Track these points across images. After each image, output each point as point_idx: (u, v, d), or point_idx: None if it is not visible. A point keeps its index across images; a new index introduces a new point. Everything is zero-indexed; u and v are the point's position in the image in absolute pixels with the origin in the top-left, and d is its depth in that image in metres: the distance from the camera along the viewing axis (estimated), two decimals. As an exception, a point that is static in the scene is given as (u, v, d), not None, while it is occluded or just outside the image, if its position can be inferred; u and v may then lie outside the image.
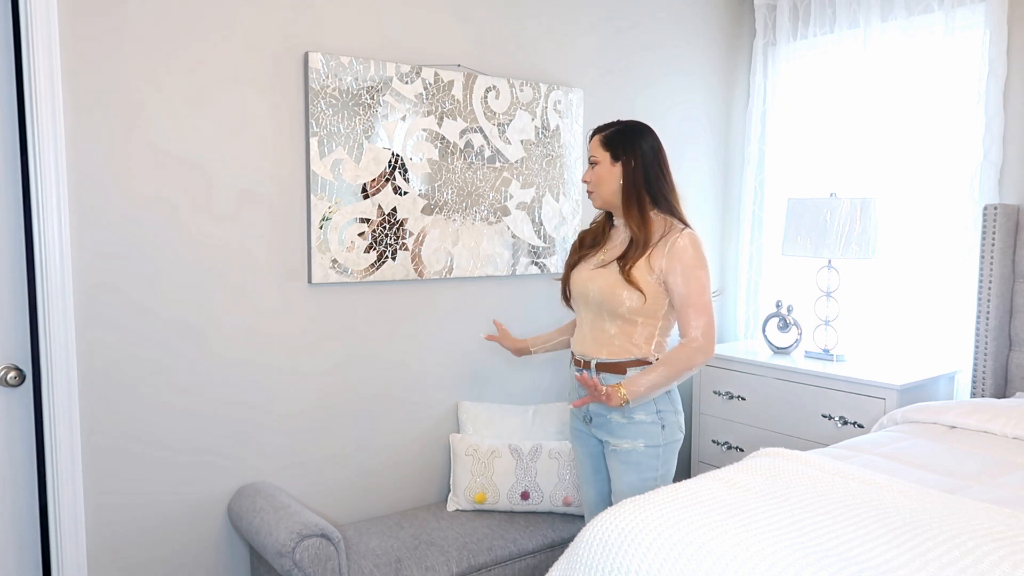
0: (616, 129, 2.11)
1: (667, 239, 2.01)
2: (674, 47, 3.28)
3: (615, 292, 2.02)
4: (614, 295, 2.02)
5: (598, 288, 2.06)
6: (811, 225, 2.92)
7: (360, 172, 2.45)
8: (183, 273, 2.20)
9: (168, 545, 2.24)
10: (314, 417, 2.46)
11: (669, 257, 1.99)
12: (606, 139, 2.10)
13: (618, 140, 2.08)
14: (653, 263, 2.01)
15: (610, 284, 2.03)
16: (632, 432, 2.06)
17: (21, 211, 2.03)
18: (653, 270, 2.01)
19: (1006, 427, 2.15)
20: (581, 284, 2.13)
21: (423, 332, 2.67)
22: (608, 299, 2.03)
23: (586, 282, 2.11)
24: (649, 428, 2.06)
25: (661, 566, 1.37)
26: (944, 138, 2.88)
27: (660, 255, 2.00)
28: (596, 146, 2.11)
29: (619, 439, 2.08)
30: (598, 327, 2.09)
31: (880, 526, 1.44)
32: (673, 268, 1.99)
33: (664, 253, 2.00)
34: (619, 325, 2.05)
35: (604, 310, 2.06)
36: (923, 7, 2.91)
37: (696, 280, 1.99)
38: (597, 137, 2.12)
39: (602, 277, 2.07)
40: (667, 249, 2.00)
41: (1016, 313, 2.68)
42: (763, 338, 3.22)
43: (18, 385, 2.03)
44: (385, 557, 2.22)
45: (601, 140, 2.10)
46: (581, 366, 2.13)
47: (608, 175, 2.08)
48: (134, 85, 2.08)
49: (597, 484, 2.23)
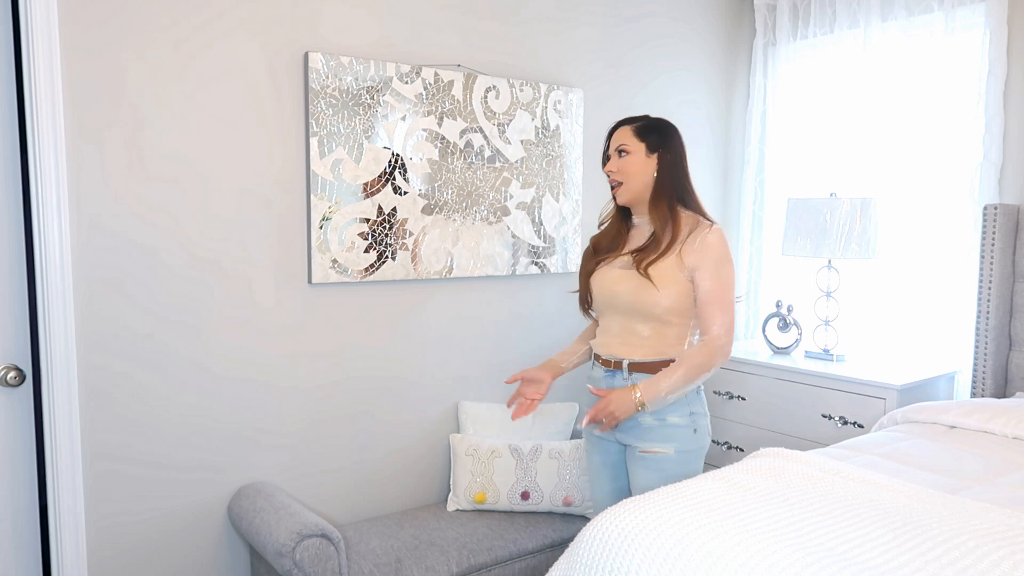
0: (649, 122, 2.01)
1: (696, 234, 1.95)
2: (674, 46, 3.28)
3: (648, 293, 1.93)
4: (648, 296, 1.93)
5: (629, 290, 1.97)
6: (811, 225, 2.92)
7: (360, 172, 2.45)
8: (183, 272, 2.20)
9: (168, 545, 2.24)
10: (314, 417, 2.46)
11: (699, 252, 1.92)
12: (640, 130, 1.99)
13: (654, 132, 1.99)
14: (685, 259, 1.93)
15: (645, 285, 1.94)
16: (663, 436, 1.95)
17: (21, 211, 2.03)
18: (685, 266, 1.93)
19: (1006, 427, 2.15)
20: (607, 288, 2.02)
21: (423, 332, 2.67)
22: (641, 300, 1.94)
23: (613, 285, 2.01)
24: (682, 432, 1.96)
25: (661, 566, 1.37)
26: (944, 138, 2.88)
27: (691, 250, 1.93)
28: (628, 135, 1.99)
29: (648, 443, 1.96)
30: (629, 330, 2.00)
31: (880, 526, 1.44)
32: (703, 263, 1.92)
33: (694, 248, 1.93)
34: (653, 326, 1.97)
35: (636, 312, 1.97)
36: (923, 7, 2.91)
37: (724, 276, 1.94)
38: (628, 127, 2.01)
39: (633, 278, 1.97)
40: (697, 244, 1.93)
41: (1016, 313, 2.68)
42: (763, 338, 3.22)
43: (18, 385, 2.03)
44: (385, 557, 2.22)
45: (634, 130, 1.99)
46: (612, 367, 2.02)
47: (642, 167, 1.98)
48: (134, 85, 2.08)
49: (615, 494, 2.11)
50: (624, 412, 1.89)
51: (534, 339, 2.95)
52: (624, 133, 2.01)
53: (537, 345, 2.95)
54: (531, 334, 2.94)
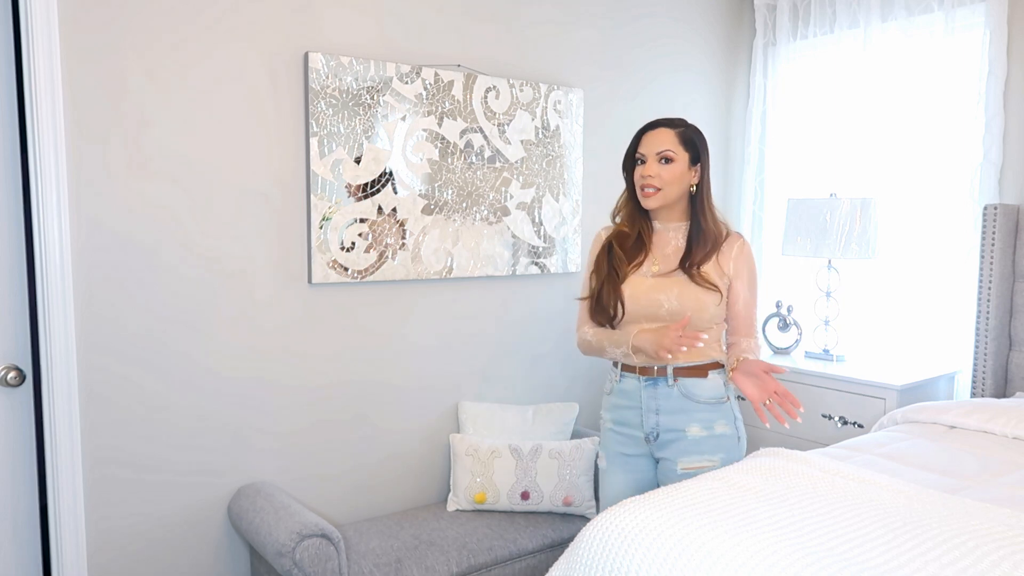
0: (691, 129, 1.96)
1: (731, 243, 1.97)
2: (674, 46, 3.28)
3: (700, 299, 1.90)
4: (699, 302, 1.89)
5: (676, 298, 1.90)
6: (811, 225, 2.92)
7: (360, 172, 2.45)
8: (183, 272, 2.20)
9: (168, 544, 2.24)
10: (314, 417, 2.46)
11: (737, 260, 1.95)
12: (684, 138, 1.93)
13: (696, 142, 1.95)
14: (723, 267, 1.95)
15: (693, 291, 1.90)
16: (712, 447, 1.91)
17: (21, 211, 2.03)
18: (725, 273, 1.95)
19: (1006, 427, 2.14)
20: (646, 296, 1.92)
21: (423, 332, 2.67)
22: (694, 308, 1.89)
23: (654, 293, 1.92)
24: (729, 441, 1.93)
25: (661, 566, 1.37)
26: (944, 138, 2.88)
27: (728, 258, 1.95)
28: (672, 141, 1.91)
29: (692, 457, 1.91)
30: None
31: (880, 526, 1.44)
32: (740, 272, 1.95)
33: (732, 256, 1.95)
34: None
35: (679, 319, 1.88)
36: (923, 7, 2.91)
37: (756, 285, 2.00)
38: (671, 132, 1.93)
39: (679, 285, 1.91)
40: (734, 253, 1.95)
41: (1016, 313, 2.68)
42: (763, 338, 3.22)
43: (18, 385, 2.03)
44: (385, 557, 2.22)
45: (679, 137, 1.92)
46: (655, 374, 1.93)
47: (683, 176, 1.93)
48: (134, 85, 2.08)
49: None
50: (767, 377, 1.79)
51: (534, 339, 2.95)
52: (667, 137, 1.92)
53: (537, 345, 2.95)
54: (531, 334, 2.94)
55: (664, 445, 1.95)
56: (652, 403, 1.94)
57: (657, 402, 1.94)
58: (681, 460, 1.92)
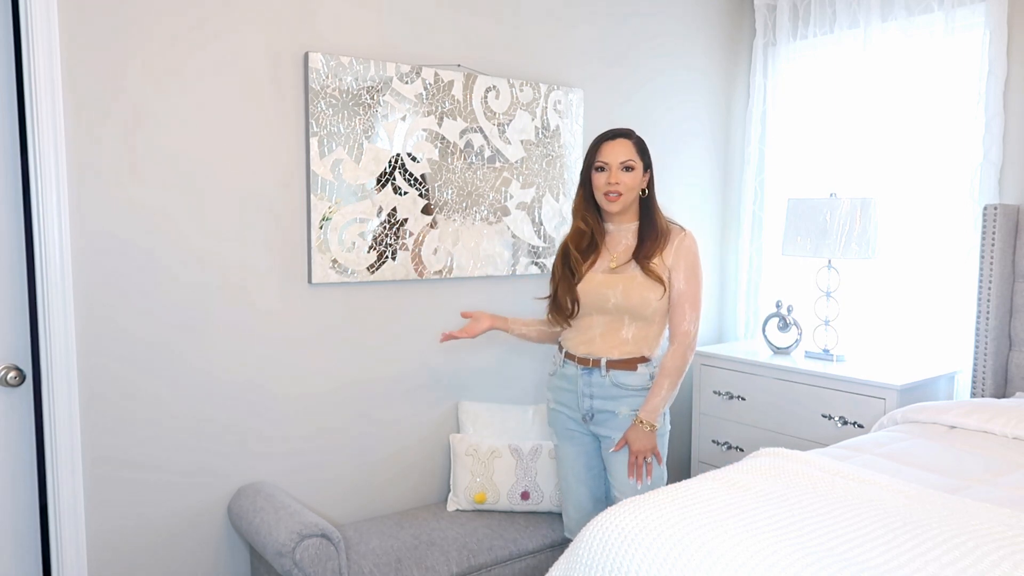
0: (640, 138, 2.18)
1: (674, 237, 2.15)
2: (674, 46, 3.28)
3: (643, 295, 2.10)
4: (642, 298, 2.10)
5: (621, 293, 2.11)
6: (811, 225, 2.92)
7: (360, 172, 2.45)
8: (182, 272, 2.20)
9: (168, 545, 2.24)
10: (314, 417, 2.46)
11: (676, 253, 2.12)
12: (641, 147, 2.17)
13: (645, 149, 2.18)
14: (665, 259, 2.12)
15: (637, 287, 2.10)
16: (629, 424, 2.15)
17: (21, 211, 2.03)
18: (666, 265, 2.12)
19: (1006, 427, 2.15)
20: (596, 291, 2.15)
21: (423, 332, 2.67)
22: (636, 302, 2.10)
23: (603, 288, 2.14)
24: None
25: (661, 566, 1.37)
26: (944, 138, 2.88)
27: (670, 252, 2.13)
28: (631, 152, 2.14)
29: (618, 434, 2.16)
30: (612, 330, 2.15)
31: (880, 526, 1.44)
32: (678, 265, 2.12)
33: (673, 250, 2.13)
34: (638, 326, 2.13)
35: (626, 314, 2.12)
36: (923, 7, 2.91)
37: (697, 276, 2.14)
38: (629, 143, 2.15)
39: (624, 281, 2.12)
40: (674, 246, 2.13)
41: (1016, 313, 2.68)
42: (763, 338, 3.22)
43: (18, 385, 2.04)
44: (385, 557, 2.22)
45: (636, 147, 2.15)
46: (590, 365, 2.16)
47: (639, 182, 2.15)
48: (134, 85, 2.08)
49: (589, 482, 2.28)
50: (650, 441, 2.09)
51: (534, 339, 2.94)
52: (627, 148, 2.14)
53: (537, 344, 2.95)
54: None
55: (601, 423, 2.19)
56: (587, 389, 2.18)
57: (592, 388, 2.17)
58: (616, 435, 2.15)
